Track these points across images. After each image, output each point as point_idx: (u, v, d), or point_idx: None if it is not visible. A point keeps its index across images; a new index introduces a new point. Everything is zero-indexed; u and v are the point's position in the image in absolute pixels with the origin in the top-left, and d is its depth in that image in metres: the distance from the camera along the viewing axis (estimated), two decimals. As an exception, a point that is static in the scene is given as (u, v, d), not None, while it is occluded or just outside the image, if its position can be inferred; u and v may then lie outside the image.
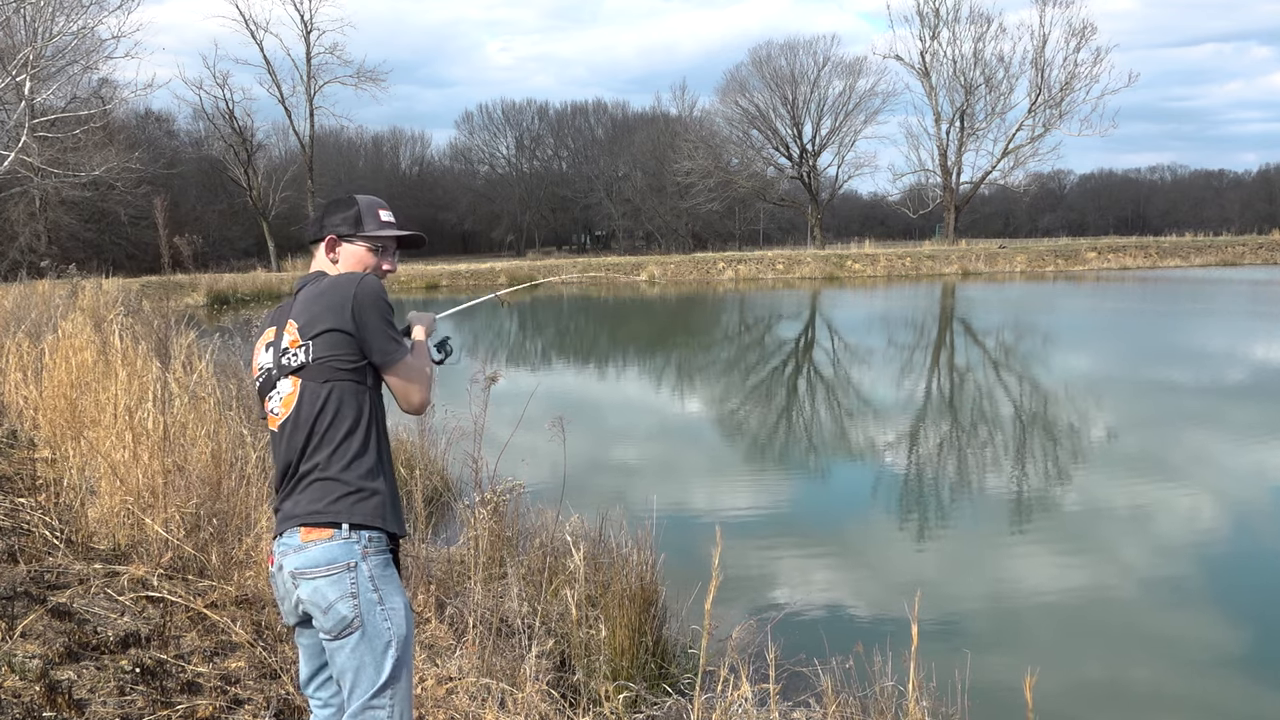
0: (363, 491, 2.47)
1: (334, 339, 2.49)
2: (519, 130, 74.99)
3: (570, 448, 5.63)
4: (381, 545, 2.49)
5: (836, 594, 6.36)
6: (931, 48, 55.78)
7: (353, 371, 2.51)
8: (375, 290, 2.55)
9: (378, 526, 2.47)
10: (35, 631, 3.79)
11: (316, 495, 2.47)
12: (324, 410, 2.49)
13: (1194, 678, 5.28)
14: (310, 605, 2.45)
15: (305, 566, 2.44)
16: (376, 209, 2.72)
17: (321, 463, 2.47)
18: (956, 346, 20.45)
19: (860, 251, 48.10)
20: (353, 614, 2.41)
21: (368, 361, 2.53)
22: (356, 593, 2.42)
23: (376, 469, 2.52)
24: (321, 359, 2.50)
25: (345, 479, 2.46)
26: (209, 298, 32.48)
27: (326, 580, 2.42)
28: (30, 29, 18.56)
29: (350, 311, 2.49)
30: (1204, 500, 8.43)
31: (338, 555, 2.42)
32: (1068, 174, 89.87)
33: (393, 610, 2.46)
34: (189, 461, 5.15)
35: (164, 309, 17.11)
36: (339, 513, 2.44)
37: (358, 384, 2.52)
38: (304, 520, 2.46)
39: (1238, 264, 46.33)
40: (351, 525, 2.44)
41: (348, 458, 2.48)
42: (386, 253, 2.74)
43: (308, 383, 2.51)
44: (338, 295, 2.52)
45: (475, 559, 4.88)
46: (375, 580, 2.44)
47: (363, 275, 2.58)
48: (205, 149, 57.84)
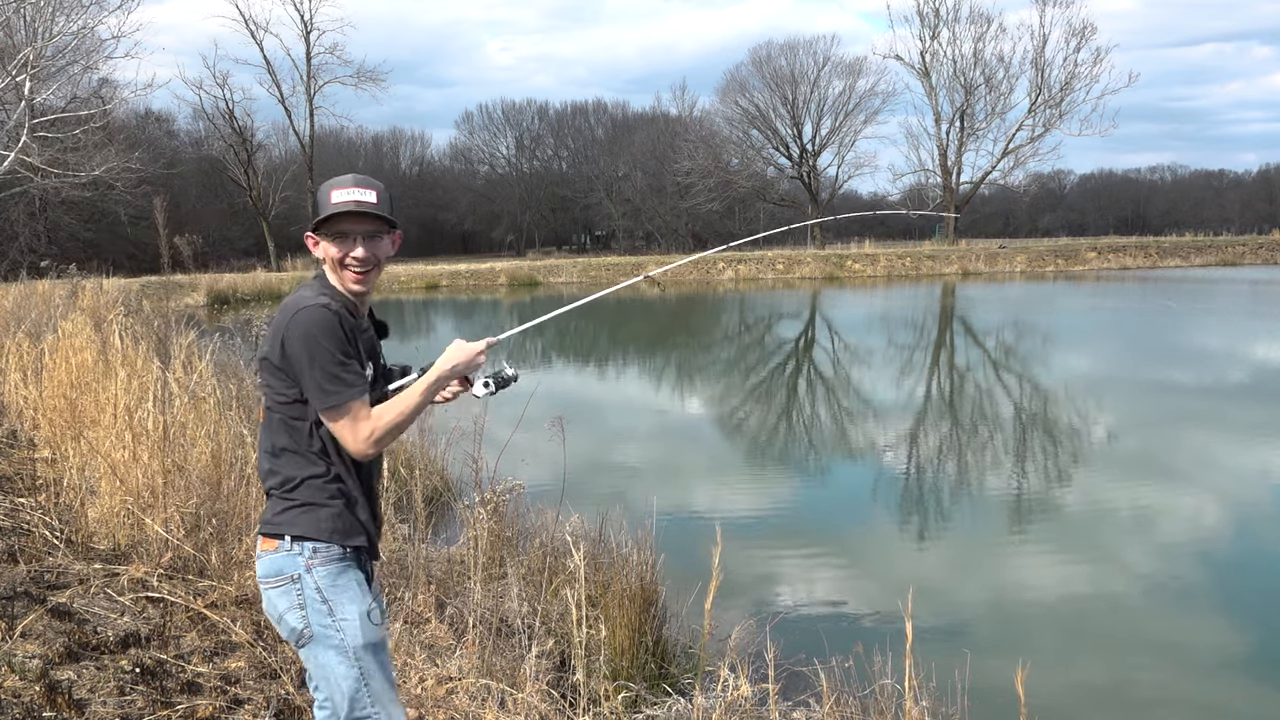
0: (310, 505, 2.42)
1: (269, 370, 2.42)
2: (519, 130, 75.03)
3: (570, 448, 5.64)
4: (332, 556, 2.43)
5: (836, 594, 6.36)
6: (931, 48, 55.87)
7: (288, 404, 2.41)
8: (305, 325, 2.32)
9: (321, 539, 2.42)
10: (35, 631, 3.79)
11: (271, 508, 2.48)
12: (271, 435, 2.47)
13: (1195, 678, 5.28)
14: (269, 614, 2.49)
15: (260, 576, 2.47)
16: (330, 190, 2.41)
17: (274, 484, 2.47)
18: (956, 346, 20.45)
19: (860, 251, 48.13)
20: (301, 625, 2.41)
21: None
22: (304, 604, 2.40)
23: (329, 484, 2.44)
24: (263, 388, 2.48)
25: (292, 495, 2.43)
26: (209, 298, 32.48)
27: (276, 591, 2.43)
28: (30, 29, 18.55)
29: (279, 346, 2.37)
30: (1204, 501, 8.43)
31: (282, 566, 2.42)
32: (1068, 174, 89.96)
33: (344, 620, 2.41)
34: (189, 461, 5.15)
35: (164, 309, 17.12)
36: (282, 524, 2.43)
37: (295, 419, 2.42)
38: (260, 530, 2.49)
39: (1238, 264, 46.36)
40: (293, 537, 2.41)
41: (295, 476, 2.43)
42: (347, 239, 2.41)
43: (265, 403, 2.49)
44: (277, 323, 2.40)
45: (475, 559, 4.88)
46: (323, 591, 2.40)
47: (300, 306, 2.36)
48: (205, 149, 57.87)
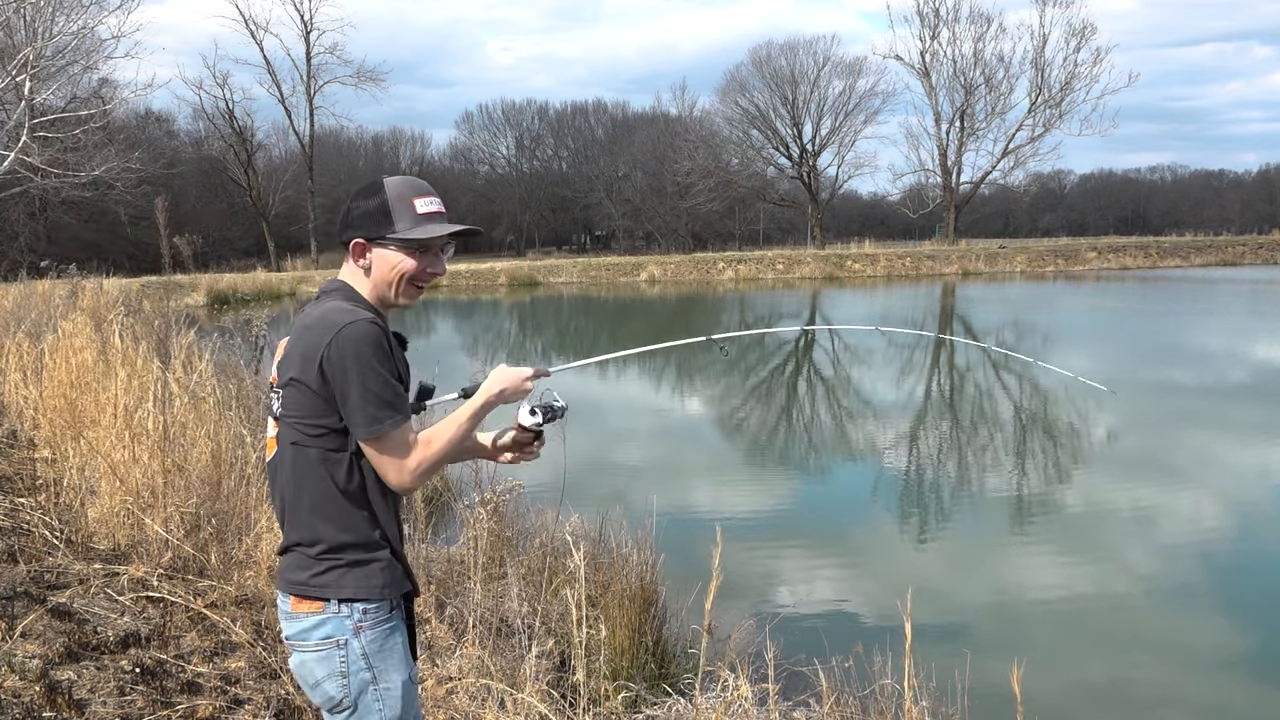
0: (357, 563, 2.14)
1: (300, 396, 2.09)
2: (519, 130, 74.97)
3: (570, 448, 5.64)
4: (381, 616, 2.16)
5: (836, 594, 6.36)
6: (931, 48, 55.83)
7: (322, 436, 2.10)
8: (354, 343, 2.04)
9: (373, 598, 2.15)
10: (35, 631, 3.79)
11: (301, 565, 2.15)
12: (292, 478, 2.15)
13: (1195, 678, 5.28)
14: (299, 678, 2.21)
15: (294, 638, 2.17)
16: (411, 198, 2.15)
17: (300, 539, 2.15)
18: (956, 346, 20.45)
19: (860, 251, 48.11)
20: (340, 694, 2.15)
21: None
22: (346, 672, 2.14)
23: (368, 536, 2.15)
24: (289, 417, 2.12)
25: (327, 555, 2.13)
26: (209, 298, 32.47)
27: (314, 656, 2.14)
28: (30, 29, 18.56)
29: (318, 368, 2.05)
30: (1205, 501, 8.43)
31: (329, 632, 2.13)
32: (1068, 174, 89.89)
33: (387, 691, 2.16)
34: (189, 461, 5.15)
35: (164, 309, 17.11)
36: (325, 586, 2.12)
37: (331, 450, 2.11)
38: (291, 590, 2.16)
39: (1238, 264, 46.38)
40: (340, 600, 2.12)
41: (325, 532, 2.13)
42: (430, 253, 2.19)
43: (283, 436, 2.16)
44: (311, 340, 2.08)
45: (475, 559, 4.88)
46: (369, 658, 2.15)
47: (346, 321, 2.06)
48: (205, 149, 57.81)
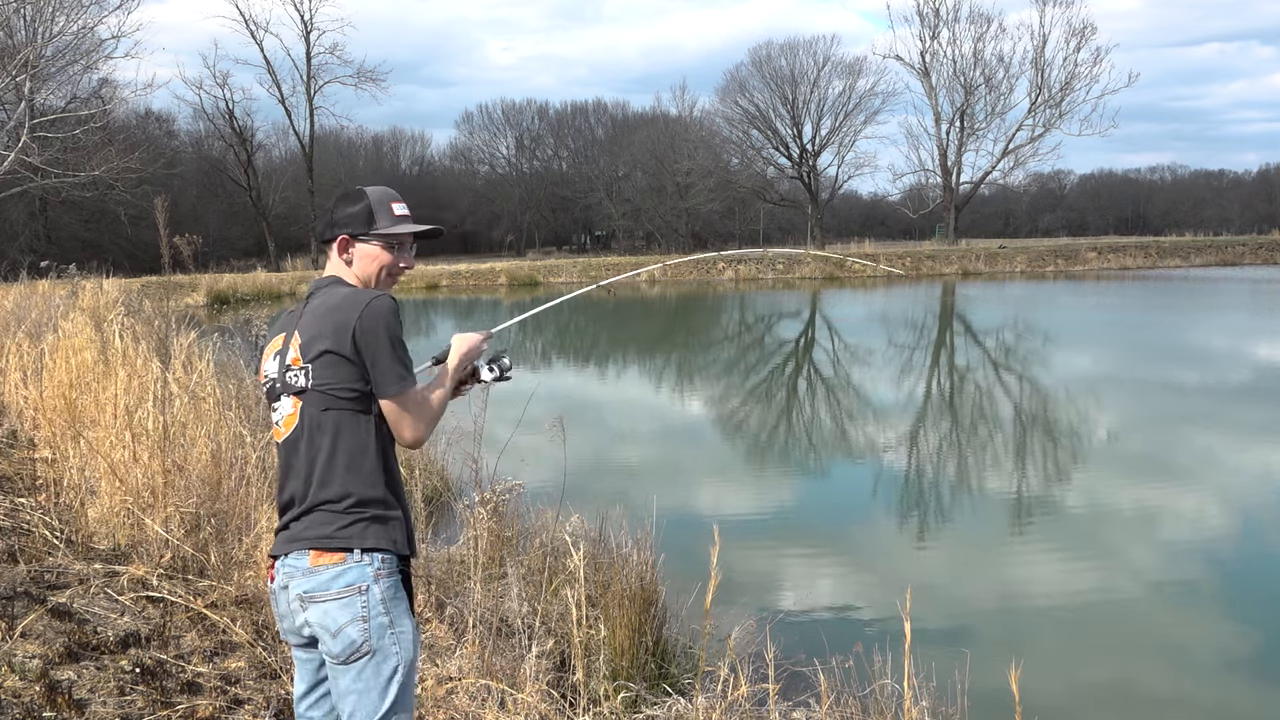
0: (374, 517, 2.43)
1: (333, 365, 2.40)
2: (519, 130, 74.92)
3: (570, 448, 5.65)
4: (393, 567, 2.44)
5: (836, 594, 6.36)
6: (931, 48, 55.89)
7: (354, 399, 2.42)
8: (383, 314, 2.41)
9: (389, 549, 2.43)
10: (35, 631, 3.79)
11: (326, 521, 2.42)
12: (326, 440, 2.42)
13: (1196, 679, 5.28)
14: (319, 629, 2.40)
15: (315, 590, 2.39)
16: (389, 202, 2.59)
17: (330, 496, 2.42)
18: (956, 346, 20.45)
19: (860, 251, 48.10)
20: (362, 638, 2.37)
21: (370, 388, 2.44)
22: (368, 616, 2.38)
23: (386, 494, 2.46)
24: (321, 386, 2.42)
25: (354, 509, 2.41)
26: (209, 298, 32.45)
27: (337, 604, 2.38)
28: (30, 29, 18.57)
29: (351, 337, 2.38)
30: (1206, 501, 8.43)
31: (353, 578, 2.38)
32: (1068, 174, 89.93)
33: (401, 634, 2.42)
34: (189, 461, 5.15)
35: (164, 309, 17.10)
36: (350, 538, 2.40)
37: (360, 412, 2.43)
38: (314, 544, 2.41)
39: (1238, 264, 46.41)
40: (364, 549, 2.40)
41: (355, 488, 2.42)
42: (404, 249, 2.62)
43: (308, 408, 2.44)
44: (341, 317, 2.41)
45: (475, 559, 4.88)
46: (386, 604, 2.40)
47: (372, 296, 2.44)
48: (205, 149, 57.80)
